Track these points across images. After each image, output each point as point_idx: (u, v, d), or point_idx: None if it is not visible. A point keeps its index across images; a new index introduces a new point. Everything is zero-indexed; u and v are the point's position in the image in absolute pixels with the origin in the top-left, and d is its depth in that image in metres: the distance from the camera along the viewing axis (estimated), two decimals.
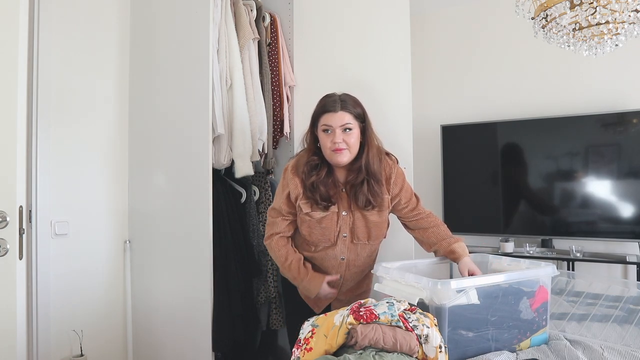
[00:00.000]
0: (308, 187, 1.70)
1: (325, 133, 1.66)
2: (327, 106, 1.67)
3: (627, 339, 1.43)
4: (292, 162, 1.79)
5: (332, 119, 1.64)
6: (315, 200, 1.70)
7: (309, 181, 1.69)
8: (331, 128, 1.64)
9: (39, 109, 2.00)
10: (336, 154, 1.65)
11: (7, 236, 1.63)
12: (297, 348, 1.20)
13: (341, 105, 1.65)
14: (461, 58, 3.71)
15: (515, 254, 3.16)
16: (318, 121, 1.69)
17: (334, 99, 1.68)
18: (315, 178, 1.69)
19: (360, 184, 1.69)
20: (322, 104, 1.70)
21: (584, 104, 3.25)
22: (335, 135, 1.63)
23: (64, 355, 2.12)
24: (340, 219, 1.73)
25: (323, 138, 1.67)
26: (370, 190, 1.69)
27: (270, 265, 2.39)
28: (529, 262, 1.58)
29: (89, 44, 2.26)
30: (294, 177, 1.73)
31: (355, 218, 1.73)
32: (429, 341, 1.15)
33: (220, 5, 2.22)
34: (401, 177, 1.78)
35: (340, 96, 1.69)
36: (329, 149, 1.66)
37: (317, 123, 1.70)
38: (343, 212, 1.73)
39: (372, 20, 2.30)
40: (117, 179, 2.37)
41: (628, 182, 3.00)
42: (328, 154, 1.68)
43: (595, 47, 1.71)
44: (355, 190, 1.70)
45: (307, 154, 1.74)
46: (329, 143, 1.65)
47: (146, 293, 2.33)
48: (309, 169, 1.70)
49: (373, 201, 1.70)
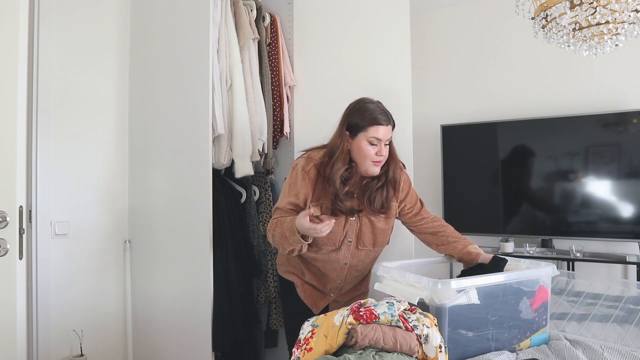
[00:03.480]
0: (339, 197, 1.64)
1: (371, 145, 1.63)
2: (378, 118, 1.62)
3: (627, 339, 1.42)
4: (302, 161, 1.72)
5: (383, 133, 1.62)
6: (339, 210, 1.65)
7: (343, 191, 1.64)
8: (379, 142, 1.62)
9: (39, 109, 2.00)
10: (376, 165, 1.65)
11: (7, 236, 1.63)
12: (297, 348, 1.20)
13: (388, 118, 1.64)
14: (461, 58, 3.71)
15: (515, 254, 3.15)
16: (363, 130, 1.62)
17: (382, 110, 1.65)
18: (351, 188, 1.66)
19: (378, 188, 1.69)
20: (371, 114, 1.63)
21: (584, 104, 3.25)
22: (382, 149, 1.63)
23: (64, 355, 2.12)
24: (347, 223, 1.71)
25: (367, 149, 1.63)
26: (387, 196, 1.70)
27: (270, 266, 2.39)
28: (529, 262, 1.58)
29: (89, 44, 2.26)
30: (304, 177, 1.67)
31: (362, 224, 1.72)
32: (429, 341, 1.15)
33: (220, 5, 2.22)
34: (408, 183, 1.80)
35: (380, 106, 1.66)
36: (370, 160, 1.64)
37: (359, 132, 1.63)
38: (351, 217, 1.71)
39: (372, 20, 2.30)
40: (117, 179, 2.37)
41: (628, 182, 3.00)
42: (366, 165, 1.65)
43: (595, 47, 1.71)
44: (370, 193, 1.69)
45: (343, 165, 1.65)
46: (373, 155, 1.63)
47: (146, 293, 2.32)
48: (343, 181, 1.65)
49: (386, 205, 1.71)
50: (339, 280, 1.79)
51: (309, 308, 1.83)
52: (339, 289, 1.82)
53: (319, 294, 1.83)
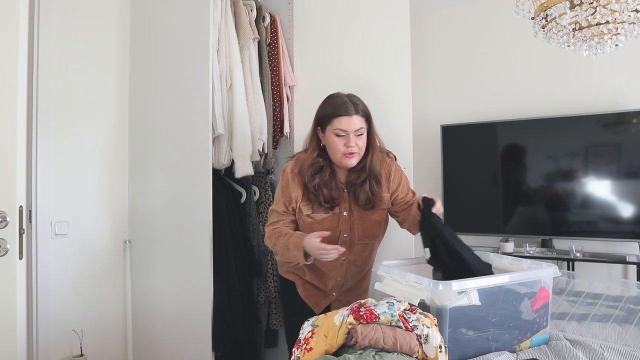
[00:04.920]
0: (311, 190, 1.67)
1: (338, 137, 1.62)
2: (340, 109, 1.61)
3: (627, 339, 1.42)
4: (290, 164, 1.76)
5: (347, 124, 1.60)
6: (318, 202, 1.68)
7: (312, 184, 1.67)
8: (346, 133, 1.61)
9: (39, 109, 2.00)
10: (348, 157, 1.64)
11: (7, 236, 1.63)
12: (297, 348, 1.20)
13: (355, 109, 1.62)
14: (461, 58, 3.70)
15: (515, 254, 3.15)
16: (328, 124, 1.64)
17: (346, 102, 1.63)
18: (319, 180, 1.67)
19: (361, 183, 1.69)
20: (333, 106, 1.64)
21: (584, 104, 3.25)
22: (350, 140, 1.61)
23: (64, 355, 2.12)
24: (341, 219, 1.72)
25: (334, 142, 1.63)
26: (371, 189, 1.69)
27: (270, 266, 2.39)
28: (530, 261, 1.57)
29: (89, 44, 2.26)
30: (293, 178, 1.71)
31: (355, 218, 1.73)
32: (429, 341, 1.14)
33: (220, 5, 2.22)
34: (399, 173, 1.79)
35: (350, 98, 1.65)
36: (341, 153, 1.63)
37: (325, 125, 1.65)
38: (344, 212, 1.72)
39: (372, 20, 2.30)
40: (117, 179, 2.37)
41: (628, 182, 3.00)
42: (338, 157, 1.65)
43: (595, 47, 1.71)
44: (355, 189, 1.70)
45: (311, 156, 1.69)
46: (342, 147, 1.62)
47: (146, 293, 2.32)
48: (313, 172, 1.68)
49: (373, 200, 1.70)
50: (339, 277, 1.79)
51: (309, 308, 1.83)
52: (339, 286, 1.82)
53: (320, 293, 1.83)
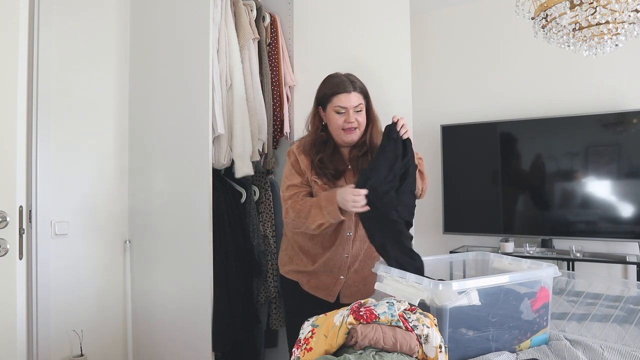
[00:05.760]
0: (316, 164, 1.72)
1: (338, 114, 1.68)
2: (339, 87, 1.68)
3: (627, 339, 1.42)
4: (294, 145, 1.82)
5: (346, 100, 1.67)
6: (326, 177, 1.72)
7: (317, 157, 1.72)
8: (345, 109, 1.67)
9: (39, 109, 2.00)
10: (348, 133, 1.69)
11: (7, 236, 1.63)
12: (297, 348, 1.20)
13: (353, 86, 1.68)
14: (461, 58, 3.70)
15: (515, 254, 3.15)
16: (328, 102, 1.70)
17: (344, 80, 1.70)
18: (323, 155, 1.72)
19: (362, 155, 1.74)
20: (332, 84, 1.71)
21: (584, 104, 3.25)
22: (349, 116, 1.67)
23: (64, 355, 2.12)
24: None
25: (335, 118, 1.69)
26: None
27: (270, 266, 2.39)
28: (530, 261, 1.57)
29: (89, 44, 2.26)
30: (299, 154, 1.76)
31: None
32: (429, 341, 1.14)
33: (220, 6, 2.22)
34: None
35: (348, 77, 1.72)
36: (341, 129, 1.69)
37: (326, 104, 1.71)
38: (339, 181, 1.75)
39: (372, 21, 2.30)
40: (117, 179, 2.37)
41: (628, 182, 3.00)
42: (339, 134, 1.71)
43: (595, 47, 1.71)
44: (357, 163, 1.75)
45: (314, 133, 1.75)
46: (342, 123, 1.68)
47: (146, 293, 2.32)
48: (317, 147, 1.73)
49: None
50: (345, 254, 1.77)
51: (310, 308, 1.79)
52: (347, 266, 1.79)
53: (329, 280, 1.80)
